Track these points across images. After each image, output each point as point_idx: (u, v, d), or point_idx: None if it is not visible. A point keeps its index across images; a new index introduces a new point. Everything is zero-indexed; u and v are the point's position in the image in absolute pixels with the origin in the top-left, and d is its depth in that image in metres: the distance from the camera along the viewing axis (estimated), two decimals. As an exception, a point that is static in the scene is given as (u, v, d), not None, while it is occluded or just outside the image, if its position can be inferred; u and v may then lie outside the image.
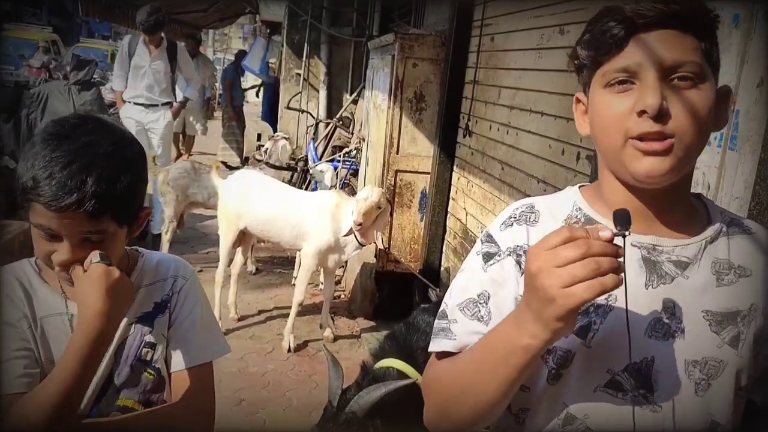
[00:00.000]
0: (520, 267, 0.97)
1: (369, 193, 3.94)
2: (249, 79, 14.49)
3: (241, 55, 10.88)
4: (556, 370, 0.94)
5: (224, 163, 6.58)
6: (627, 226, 0.81)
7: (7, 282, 1.19)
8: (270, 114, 10.18)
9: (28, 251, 1.25)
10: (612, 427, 0.92)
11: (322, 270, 4.62)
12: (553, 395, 0.95)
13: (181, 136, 9.46)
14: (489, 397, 0.90)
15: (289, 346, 4.21)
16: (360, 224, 3.86)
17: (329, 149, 7.49)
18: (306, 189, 6.08)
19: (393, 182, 4.79)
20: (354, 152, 6.58)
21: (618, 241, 0.81)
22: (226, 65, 12.45)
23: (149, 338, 1.26)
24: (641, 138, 0.88)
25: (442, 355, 1.01)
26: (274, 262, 5.98)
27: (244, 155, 9.21)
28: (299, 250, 4.47)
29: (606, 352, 0.92)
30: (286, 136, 5.99)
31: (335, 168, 6.69)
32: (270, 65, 10.67)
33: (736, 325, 0.93)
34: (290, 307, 4.27)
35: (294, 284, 4.78)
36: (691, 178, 1.00)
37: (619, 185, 0.96)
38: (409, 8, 6.42)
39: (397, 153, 4.75)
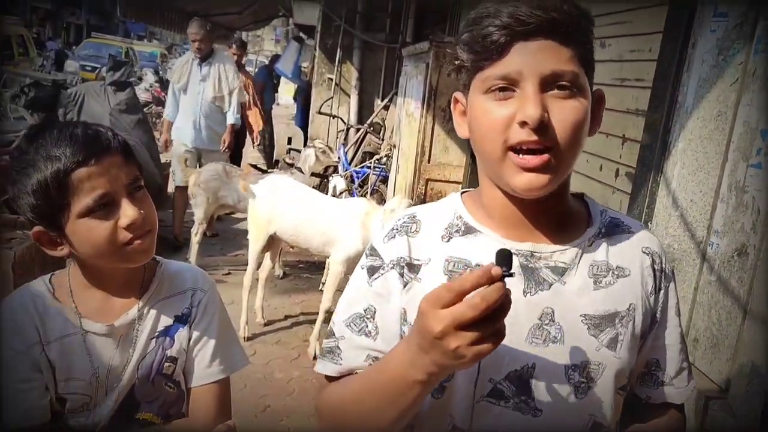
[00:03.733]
0: (402, 278, 0.98)
1: (396, 204, 3.90)
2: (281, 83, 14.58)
3: (275, 59, 10.95)
4: (440, 384, 0.93)
5: (255, 166, 6.61)
6: (511, 266, 0.79)
7: (21, 305, 1.18)
8: (302, 118, 10.23)
9: (39, 261, 1.24)
10: None
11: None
12: (438, 409, 0.96)
13: None
14: (387, 424, 0.90)
15: (315, 353, 4.19)
16: None
17: (359, 155, 7.49)
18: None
19: (423, 191, 4.75)
20: (384, 159, 6.57)
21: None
22: (258, 67, 12.54)
23: (170, 352, 1.25)
24: (520, 146, 0.88)
25: (331, 378, 1.01)
26: (302, 267, 5.97)
27: (275, 158, 9.25)
28: (328, 257, 4.45)
29: (487, 362, 0.90)
30: (322, 148, 5.91)
31: (363, 174, 6.68)
32: (302, 69, 10.72)
33: (614, 327, 0.95)
34: (317, 313, 4.25)
35: (321, 290, 4.76)
36: (569, 182, 0.99)
37: (498, 192, 0.96)
38: (444, 15, 6.39)
39: (429, 161, 4.72)
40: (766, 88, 1.85)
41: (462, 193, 1.05)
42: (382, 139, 7.42)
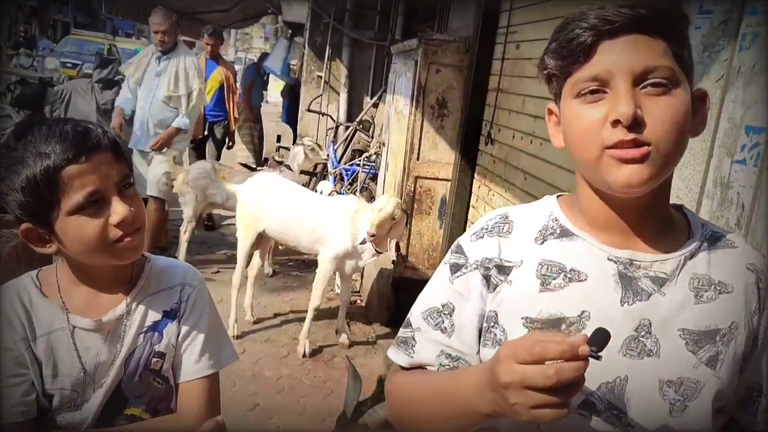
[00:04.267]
0: (487, 281, 0.96)
1: (384, 203, 3.91)
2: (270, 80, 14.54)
3: (264, 57, 10.91)
4: None
5: (244, 164, 6.60)
6: (602, 348, 0.76)
7: (8, 300, 1.17)
8: (289, 116, 10.20)
9: (26, 259, 1.23)
10: None
11: (339, 275, 4.60)
12: None
13: None
14: (442, 430, 0.93)
15: (305, 351, 4.19)
16: (373, 235, 3.84)
17: (349, 153, 7.48)
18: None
19: (413, 188, 4.75)
20: (374, 156, 6.56)
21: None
22: (246, 65, 12.48)
23: (159, 348, 1.24)
24: (616, 146, 0.85)
25: (402, 367, 1.02)
26: (291, 265, 5.97)
27: (264, 156, 9.22)
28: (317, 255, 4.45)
29: None
30: (311, 145, 5.85)
31: (352, 172, 6.68)
32: (291, 67, 10.69)
33: (715, 345, 0.90)
34: (306, 311, 4.25)
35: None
36: (670, 188, 0.96)
37: (596, 197, 0.93)
38: (433, 13, 6.39)
39: (418, 159, 4.72)
40: (751, 84, 1.86)
41: (558, 197, 1.02)
42: (372, 137, 7.42)
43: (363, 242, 3.99)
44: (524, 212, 1.01)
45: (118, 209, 1.11)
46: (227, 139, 7.23)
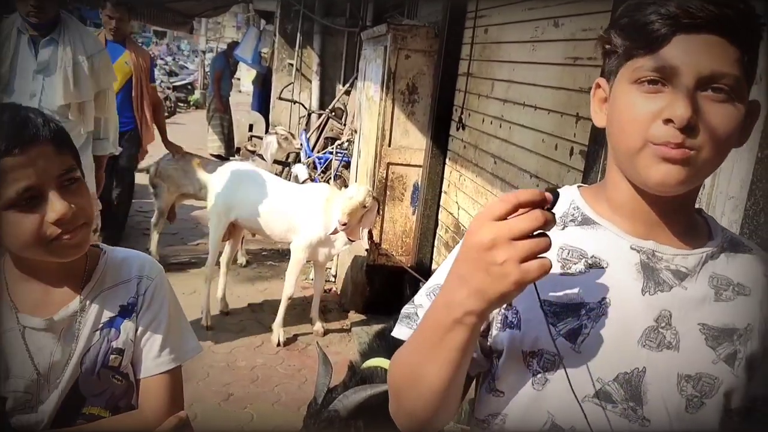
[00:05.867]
0: None
1: (354, 192, 3.90)
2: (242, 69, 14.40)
3: (233, 46, 10.75)
4: (542, 374, 0.89)
5: (216, 155, 6.53)
6: (555, 204, 0.77)
7: None
8: (261, 104, 10.10)
9: None
10: None
11: (312, 263, 4.59)
12: (535, 402, 0.90)
13: None
14: (432, 382, 0.86)
15: (279, 340, 4.18)
16: (345, 224, 3.83)
17: (322, 141, 7.44)
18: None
19: (385, 175, 4.74)
20: (346, 144, 6.54)
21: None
22: (215, 55, 12.33)
23: (116, 344, 1.20)
24: (661, 144, 0.82)
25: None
26: (265, 255, 5.93)
27: (236, 146, 9.14)
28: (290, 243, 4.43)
29: (596, 359, 0.87)
30: (284, 134, 5.77)
31: (325, 160, 6.64)
32: (262, 55, 10.58)
33: (733, 343, 0.89)
34: (280, 301, 4.23)
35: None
36: (699, 190, 0.96)
37: (626, 184, 0.91)
38: (403, -1, 6.36)
39: (389, 145, 4.71)
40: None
41: (578, 186, 1.00)
42: (344, 125, 7.38)
43: (335, 232, 3.98)
44: None
45: (56, 206, 1.05)
46: (136, 160, 5.26)
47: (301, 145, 6.70)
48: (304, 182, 5.78)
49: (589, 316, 0.89)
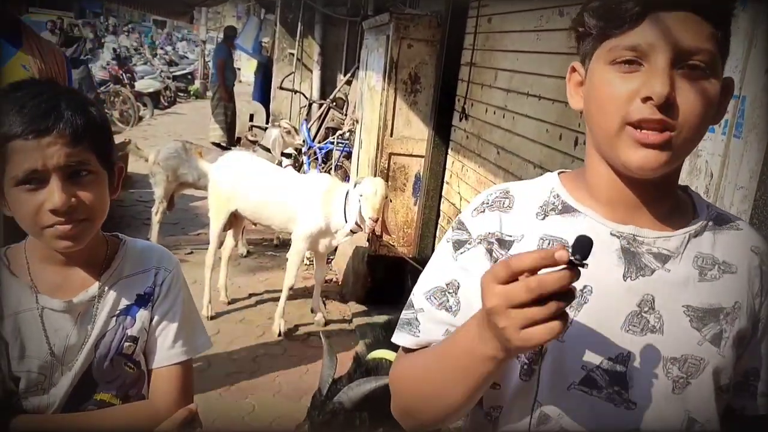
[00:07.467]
0: (491, 255, 0.93)
1: (377, 187, 3.83)
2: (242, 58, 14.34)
3: (230, 31, 10.60)
4: (528, 365, 0.90)
5: (217, 144, 6.51)
6: (586, 257, 0.73)
7: None
8: (261, 94, 10.06)
9: None
10: (587, 426, 0.88)
11: (313, 254, 4.58)
12: (525, 393, 0.91)
13: None
14: (453, 402, 0.87)
15: (280, 331, 4.17)
16: (376, 220, 3.81)
17: (323, 131, 7.42)
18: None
19: (386, 165, 4.72)
20: (347, 134, 6.51)
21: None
22: (217, 45, 12.24)
23: (131, 332, 1.21)
24: (640, 124, 0.82)
25: (407, 349, 0.97)
26: (266, 245, 5.92)
27: (237, 135, 9.11)
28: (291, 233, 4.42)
29: (580, 347, 0.87)
30: (287, 128, 5.72)
31: (326, 151, 6.61)
32: (263, 45, 10.53)
33: (719, 323, 0.89)
34: (281, 291, 4.22)
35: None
36: (680, 170, 0.95)
37: (606, 168, 0.90)
38: (405, -13, 6.31)
39: (391, 135, 4.69)
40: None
41: (559, 173, 0.99)
42: (345, 115, 7.35)
43: (354, 232, 3.98)
44: (525, 188, 0.98)
45: (54, 196, 1.06)
46: None
47: (304, 141, 6.67)
48: (285, 168, 5.76)
49: (571, 306, 0.87)
